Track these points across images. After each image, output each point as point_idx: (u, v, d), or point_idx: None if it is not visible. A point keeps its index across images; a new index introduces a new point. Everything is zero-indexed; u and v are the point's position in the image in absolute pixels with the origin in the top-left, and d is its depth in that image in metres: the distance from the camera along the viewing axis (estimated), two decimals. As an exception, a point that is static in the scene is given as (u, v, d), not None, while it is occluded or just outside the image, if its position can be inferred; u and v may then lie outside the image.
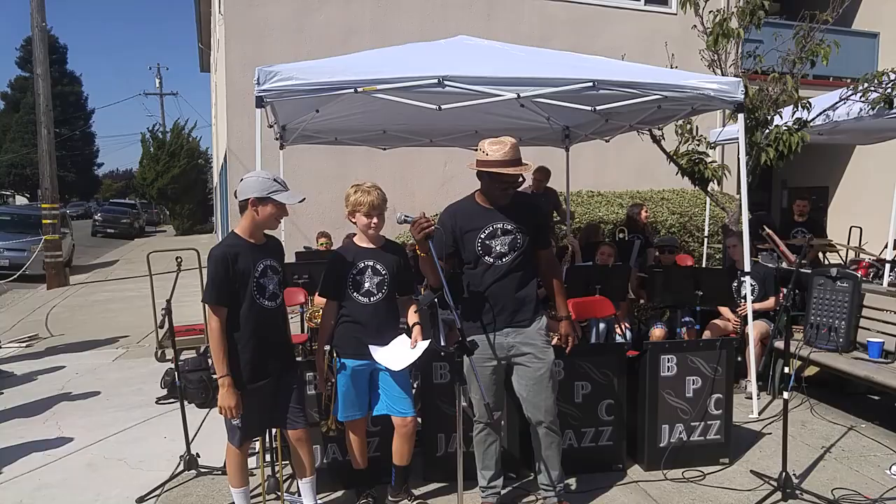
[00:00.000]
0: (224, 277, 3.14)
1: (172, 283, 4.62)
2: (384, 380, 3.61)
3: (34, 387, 6.41)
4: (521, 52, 5.73)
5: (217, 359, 3.16)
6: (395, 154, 8.85)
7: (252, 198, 3.22)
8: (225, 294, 3.16)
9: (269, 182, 3.23)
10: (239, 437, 3.31)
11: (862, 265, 7.89)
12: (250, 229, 3.29)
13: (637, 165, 12.21)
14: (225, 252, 3.18)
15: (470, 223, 3.53)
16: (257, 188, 3.21)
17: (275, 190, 3.23)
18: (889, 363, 5.12)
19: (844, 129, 7.68)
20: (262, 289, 3.25)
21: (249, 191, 3.23)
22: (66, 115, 42.64)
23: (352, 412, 3.61)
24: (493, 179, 3.48)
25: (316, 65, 4.97)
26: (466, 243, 3.52)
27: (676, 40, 8.58)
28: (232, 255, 3.17)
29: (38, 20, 13.29)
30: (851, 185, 14.59)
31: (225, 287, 3.15)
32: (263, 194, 3.21)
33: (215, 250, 3.22)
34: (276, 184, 3.24)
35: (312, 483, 3.55)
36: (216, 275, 3.14)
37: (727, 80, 5.37)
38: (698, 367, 4.33)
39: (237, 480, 3.42)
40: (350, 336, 3.58)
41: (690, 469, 4.27)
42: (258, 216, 3.25)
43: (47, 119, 13.58)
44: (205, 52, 25.02)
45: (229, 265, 3.15)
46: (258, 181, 3.22)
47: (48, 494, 4.09)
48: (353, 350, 3.57)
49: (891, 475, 4.25)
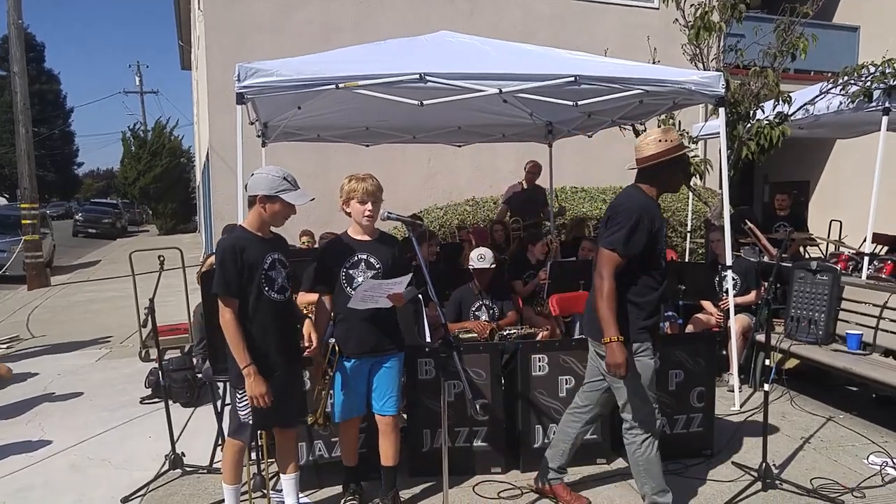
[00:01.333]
0: (233, 268, 3.13)
1: (155, 283, 4.59)
2: (377, 377, 3.59)
3: (16, 388, 6.35)
4: (503, 47, 5.75)
5: (236, 350, 3.14)
6: (378, 151, 8.84)
7: (260, 195, 3.22)
8: (235, 285, 3.14)
9: (278, 180, 3.21)
10: (250, 432, 3.28)
11: (841, 258, 7.98)
12: (257, 224, 3.28)
13: (621, 161, 12.15)
14: (233, 243, 3.17)
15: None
16: (266, 186, 3.20)
17: (283, 189, 3.21)
18: (867, 354, 5.19)
19: (824, 123, 7.75)
20: (270, 281, 3.25)
21: (258, 187, 3.22)
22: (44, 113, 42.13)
23: (349, 412, 3.59)
24: (681, 164, 3.45)
25: (297, 61, 4.95)
26: None
27: (659, 35, 8.62)
28: (240, 247, 3.17)
29: (15, 17, 13.13)
30: (832, 180, 14.74)
31: (234, 278, 3.14)
32: (271, 192, 3.20)
33: (223, 242, 3.23)
34: (286, 182, 3.23)
35: (297, 479, 3.55)
36: (225, 266, 3.13)
37: (708, 74, 5.42)
38: (681, 360, 4.36)
39: (232, 477, 3.40)
40: (349, 334, 3.53)
41: (673, 461, 4.31)
42: (265, 213, 3.25)
43: (25, 118, 13.43)
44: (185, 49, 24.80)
45: (238, 256, 3.14)
46: (267, 178, 3.21)
47: (30, 496, 4.06)
48: (352, 348, 3.53)
49: (868, 464, 4.31)
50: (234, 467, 3.41)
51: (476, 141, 8.59)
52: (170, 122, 38.25)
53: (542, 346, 4.34)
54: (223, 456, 3.43)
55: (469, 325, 5.18)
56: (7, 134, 38.00)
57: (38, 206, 14.23)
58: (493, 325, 5.16)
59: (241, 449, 3.38)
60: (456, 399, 4.06)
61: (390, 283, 3.38)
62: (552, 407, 4.22)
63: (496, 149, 10.91)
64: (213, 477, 4.18)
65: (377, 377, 3.59)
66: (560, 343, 4.50)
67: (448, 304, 5.36)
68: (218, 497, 3.86)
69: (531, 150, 9.00)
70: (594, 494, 3.94)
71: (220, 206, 11.37)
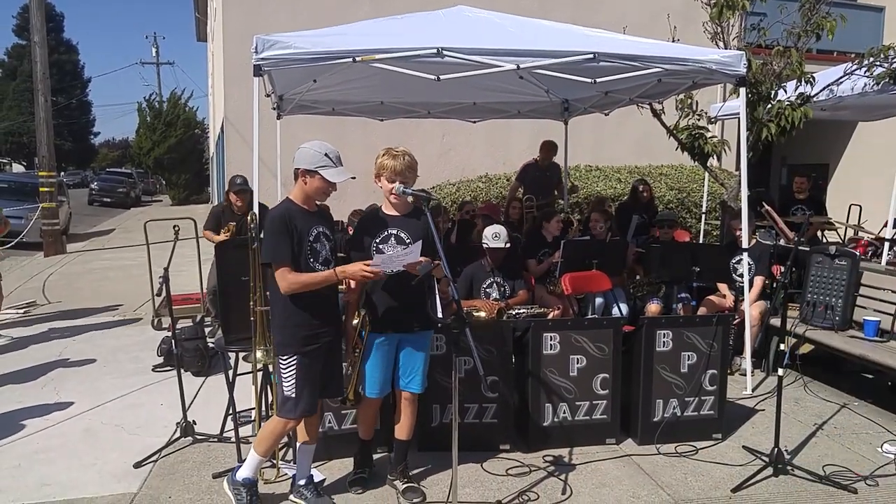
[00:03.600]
0: (287, 236, 3.18)
1: (170, 252, 4.60)
2: (404, 354, 3.60)
3: (31, 353, 6.42)
4: (521, 23, 5.66)
5: (313, 281, 3.21)
6: (392, 126, 8.79)
7: (301, 168, 3.26)
8: (288, 252, 3.18)
9: (319, 156, 3.24)
10: (301, 407, 3.28)
11: (861, 243, 7.88)
12: (301, 197, 3.33)
13: (636, 140, 12.13)
14: (283, 213, 3.23)
15: None
16: (307, 160, 3.25)
17: (323, 165, 3.24)
18: (885, 342, 5.13)
19: (848, 105, 7.61)
20: (315, 254, 3.29)
21: (300, 161, 3.27)
22: (62, 83, 42.27)
23: (380, 389, 3.58)
24: None
25: (314, 34, 4.91)
26: None
27: (679, 13, 8.44)
28: (289, 217, 3.22)
29: (34, -14, 13.10)
30: (852, 163, 14.52)
31: (288, 245, 3.18)
32: (311, 167, 3.24)
33: (275, 211, 3.29)
34: (327, 158, 3.25)
35: (312, 450, 3.60)
36: (280, 233, 3.17)
37: (729, 53, 5.32)
38: (694, 342, 4.33)
39: (267, 450, 3.43)
40: (377, 310, 3.52)
41: (683, 444, 4.30)
42: (306, 187, 3.29)
43: (44, 87, 13.47)
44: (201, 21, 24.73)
45: (288, 223, 3.19)
46: (310, 153, 3.25)
47: (46, 458, 4.12)
48: (379, 324, 3.52)
49: (882, 453, 4.28)
50: (273, 442, 3.43)
51: (491, 117, 8.52)
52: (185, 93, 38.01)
53: (553, 324, 4.33)
54: (264, 427, 3.45)
55: (477, 304, 5.15)
56: (26, 103, 38.18)
57: (56, 175, 14.31)
58: (502, 304, 5.14)
59: (288, 427, 3.37)
60: (466, 375, 4.06)
61: (405, 250, 3.37)
62: (562, 386, 4.21)
63: (510, 125, 10.82)
64: (223, 445, 4.23)
65: (404, 353, 3.60)
66: (572, 322, 4.48)
67: (459, 280, 5.34)
68: (228, 465, 3.90)
69: (546, 127, 8.92)
70: (602, 474, 3.95)
71: (233, 177, 11.36)
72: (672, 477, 3.93)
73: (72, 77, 46.74)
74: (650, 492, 3.75)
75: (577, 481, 3.85)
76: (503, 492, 3.72)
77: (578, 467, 4.02)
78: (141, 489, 3.74)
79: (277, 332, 3.32)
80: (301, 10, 11.29)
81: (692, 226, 10.45)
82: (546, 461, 4.08)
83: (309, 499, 3.50)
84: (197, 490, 3.71)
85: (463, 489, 3.70)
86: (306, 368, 3.27)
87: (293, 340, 3.26)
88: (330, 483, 3.79)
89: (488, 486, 3.79)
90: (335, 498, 3.61)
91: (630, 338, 4.40)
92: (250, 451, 3.44)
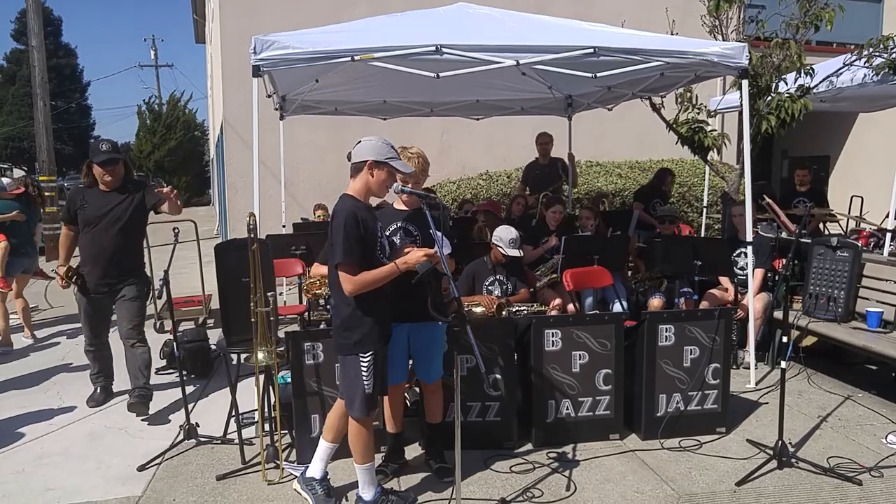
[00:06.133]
0: (357, 235, 3.13)
1: (170, 255, 4.60)
2: (417, 345, 3.64)
3: (34, 358, 6.43)
4: (520, 19, 5.65)
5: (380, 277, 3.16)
6: (393, 125, 8.78)
7: (370, 160, 3.22)
8: (359, 252, 3.14)
9: (386, 147, 3.25)
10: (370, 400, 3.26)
11: (863, 235, 7.86)
12: (363, 192, 3.29)
13: (636, 135, 12.08)
14: (353, 210, 3.16)
15: None
16: (375, 152, 3.23)
17: (391, 156, 3.25)
18: (888, 333, 5.12)
19: (847, 96, 7.60)
20: (383, 248, 3.32)
21: (367, 153, 3.23)
22: (61, 87, 42.16)
23: (392, 379, 3.60)
24: None
25: (313, 33, 4.91)
26: None
27: (677, 7, 8.42)
28: (361, 215, 3.17)
29: (32, -9, 13.08)
30: (853, 155, 14.46)
31: (359, 245, 3.14)
32: (381, 158, 3.23)
33: (344, 209, 3.17)
34: (393, 150, 3.26)
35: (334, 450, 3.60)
36: (350, 231, 3.11)
37: (731, 45, 5.30)
38: (696, 336, 4.33)
39: (367, 456, 3.38)
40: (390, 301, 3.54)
41: (687, 438, 4.29)
42: (372, 179, 3.26)
43: (43, 91, 13.46)
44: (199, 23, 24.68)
45: (359, 223, 3.15)
46: (377, 145, 3.24)
47: (50, 463, 4.12)
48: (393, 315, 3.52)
49: (886, 444, 4.27)
50: (366, 447, 3.37)
51: (495, 114, 8.51)
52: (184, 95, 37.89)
53: (555, 320, 4.32)
54: (353, 438, 3.36)
55: (477, 300, 5.15)
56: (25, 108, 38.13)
57: (56, 179, 14.31)
58: (502, 301, 5.12)
59: (371, 426, 3.36)
60: (468, 373, 4.05)
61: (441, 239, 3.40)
62: (565, 382, 4.21)
63: (510, 123, 10.77)
64: (226, 447, 4.22)
65: (417, 345, 3.65)
66: (573, 318, 4.48)
67: (461, 277, 5.33)
68: (231, 467, 3.91)
69: (546, 124, 8.88)
70: (606, 470, 3.94)
71: (233, 179, 11.36)
72: (676, 471, 3.92)
73: (71, 81, 46.61)
74: (654, 487, 3.75)
75: (582, 477, 3.85)
76: (507, 489, 3.71)
77: (582, 463, 4.01)
78: (145, 492, 3.74)
79: (350, 332, 3.23)
80: (299, 9, 11.25)
81: (693, 220, 10.43)
82: (550, 458, 4.08)
83: (318, 495, 3.49)
84: (201, 492, 3.71)
85: (467, 487, 3.69)
86: (382, 363, 3.31)
87: (371, 336, 3.24)
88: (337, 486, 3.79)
89: (492, 483, 3.78)
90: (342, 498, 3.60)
91: (632, 333, 4.39)
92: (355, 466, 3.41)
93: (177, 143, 29.95)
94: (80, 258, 4.88)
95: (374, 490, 3.42)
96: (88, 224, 4.77)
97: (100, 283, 4.82)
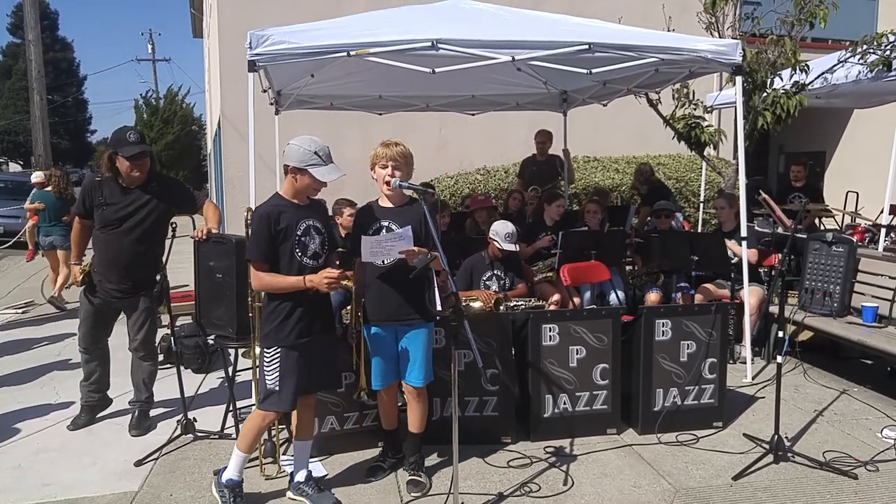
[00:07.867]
0: (267, 235, 3.22)
1: (168, 250, 4.60)
2: (403, 346, 3.61)
3: (31, 353, 6.42)
4: (516, 14, 5.65)
5: (283, 285, 3.24)
6: (389, 120, 8.77)
7: (291, 166, 3.27)
8: (267, 251, 3.23)
9: (308, 154, 3.24)
10: (283, 400, 3.29)
11: (858, 230, 7.89)
12: (291, 192, 3.34)
13: (633, 130, 12.08)
14: (269, 211, 3.26)
15: None
16: (297, 158, 3.25)
17: (313, 163, 3.25)
18: (883, 327, 5.15)
19: (842, 93, 7.62)
20: (303, 247, 3.31)
21: (290, 158, 3.28)
22: (58, 81, 42.04)
23: (384, 380, 3.62)
24: None
25: (308, 28, 4.91)
26: None
27: (673, 3, 8.43)
28: (275, 214, 3.24)
29: (28, -16, 13.06)
30: (848, 150, 14.51)
31: (266, 245, 3.23)
32: (301, 165, 3.25)
33: (260, 209, 3.31)
34: (317, 157, 3.25)
35: (309, 446, 3.63)
36: (259, 232, 3.23)
37: (725, 42, 5.31)
38: (693, 331, 4.34)
39: (248, 445, 3.42)
40: (373, 301, 3.55)
41: (684, 432, 4.31)
42: (297, 183, 3.30)
43: (39, 85, 13.46)
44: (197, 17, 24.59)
45: (272, 224, 3.22)
46: (299, 151, 3.25)
47: (47, 458, 4.12)
48: (373, 314, 3.55)
49: (882, 438, 4.30)
50: (254, 437, 3.43)
51: (490, 109, 8.50)
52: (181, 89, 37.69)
53: (552, 315, 4.33)
54: (246, 422, 3.45)
55: (475, 294, 5.16)
56: (22, 102, 37.99)
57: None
58: (500, 295, 5.13)
59: (267, 420, 3.39)
60: (466, 368, 4.06)
61: (391, 236, 3.39)
62: (562, 377, 4.22)
63: (507, 118, 10.78)
64: (223, 442, 4.23)
65: (403, 346, 3.62)
66: (570, 313, 4.49)
67: (459, 272, 5.34)
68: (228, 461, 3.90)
69: (543, 119, 8.88)
70: (604, 464, 3.95)
71: (231, 173, 11.35)
72: (673, 466, 3.94)
73: (67, 75, 46.48)
74: (651, 481, 3.76)
75: (579, 472, 3.86)
76: (505, 484, 3.72)
77: (580, 458, 4.03)
78: (142, 487, 3.74)
79: (264, 324, 3.34)
80: (297, 4, 11.23)
81: (690, 215, 10.44)
82: (547, 452, 4.09)
83: (310, 495, 3.49)
84: (198, 487, 3.72)
85: (464, 482, 3.70)
86: (291, 362, 3.29)
87: (278, 333, 3.28)
88: (331, 478, 3.80)
89: (490, 478, 3.80)
90: (336, 491, 3.60)
91: (629, 327, 4.40)
92: (234, 450, 3.42)
93: (174, 138, 29.83)
94: (94, 260, 4.43)
95: (234, 478, 3.40)
96: (106, 225, 4.27)
97: (112, 290, 4.40)
